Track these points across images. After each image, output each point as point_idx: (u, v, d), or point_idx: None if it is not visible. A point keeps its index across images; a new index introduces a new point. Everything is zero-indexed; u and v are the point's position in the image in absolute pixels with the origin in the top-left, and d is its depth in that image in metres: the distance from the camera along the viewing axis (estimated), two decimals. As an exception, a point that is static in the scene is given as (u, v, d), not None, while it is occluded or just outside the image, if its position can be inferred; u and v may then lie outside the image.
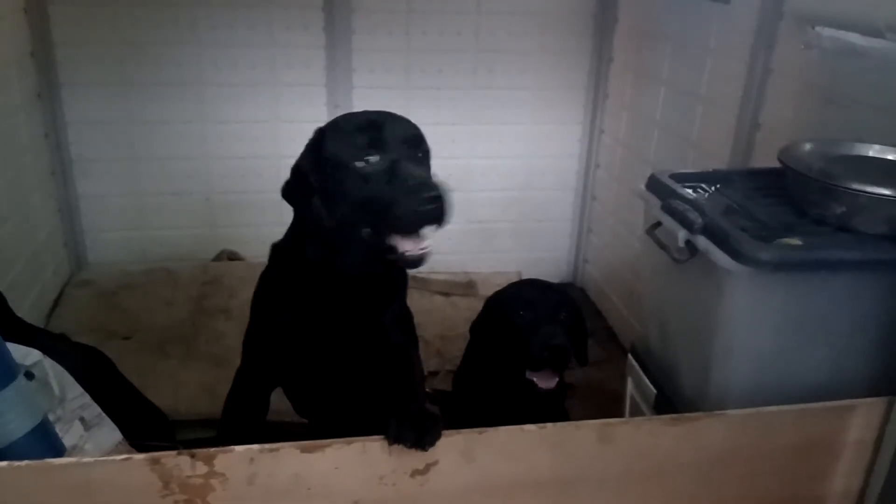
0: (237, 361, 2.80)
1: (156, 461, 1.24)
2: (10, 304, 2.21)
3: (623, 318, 3.32)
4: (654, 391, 1.85)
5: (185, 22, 3.15)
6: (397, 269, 1.72)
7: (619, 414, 2.14)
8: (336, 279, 1.58)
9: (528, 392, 1.99)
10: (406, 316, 1.81)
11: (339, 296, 1.62)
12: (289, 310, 1.66)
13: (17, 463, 1.25)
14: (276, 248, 1.70)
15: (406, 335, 1.76)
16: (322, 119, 3.59)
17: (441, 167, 1.74)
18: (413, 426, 1.31)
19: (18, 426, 1.46)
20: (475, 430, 1.36)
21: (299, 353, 1.69)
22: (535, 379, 1.98)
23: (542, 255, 3.81)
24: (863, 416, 1.50)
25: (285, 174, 3.13)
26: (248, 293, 3.17)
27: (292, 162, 1.62)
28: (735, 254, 1.45)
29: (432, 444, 1.31)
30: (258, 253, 3.48)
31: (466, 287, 3.57)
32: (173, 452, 1.24)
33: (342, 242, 1.52)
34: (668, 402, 1.78)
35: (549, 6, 3.38)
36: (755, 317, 1.54)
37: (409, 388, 1.61)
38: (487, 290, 3.53)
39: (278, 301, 1.69)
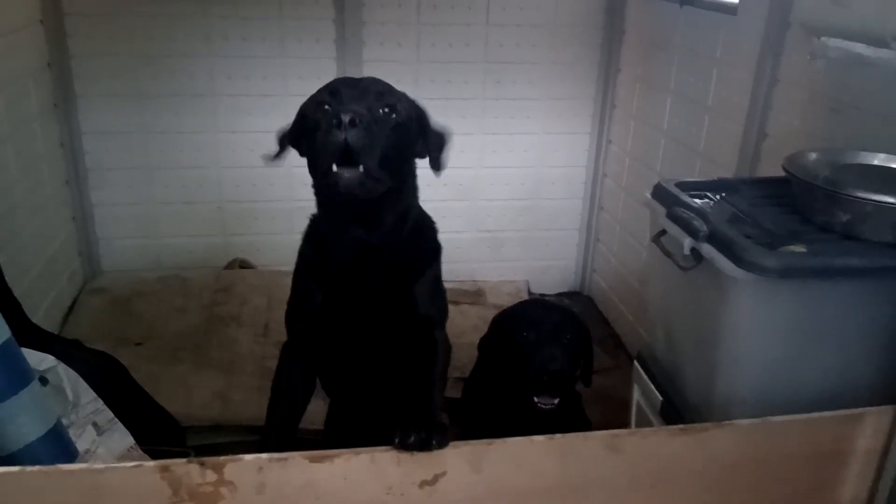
0: (248, 368, 2.85)
1: (166, 468, 1.25)
2: (26, 310, 2.25)
3: (630, 326, 3.32)
4: (661, 398, 1.85)
5: (198, 34, 3.20)
6: (426, 241, 1.76)
7: (627, 421, 2.14)
8: (356, 245, 1.62)
9: (532, 410, 1.99)
10: (438, 290, 1.80)
11: (363, 264, 1.65)
12: (315, 279, 1.71)
13: (28, 468, 1.26)
14: (310, 221, 1.77)
15: (436, 309, 1.77)
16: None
17: (450, 177, 1.77)
18: (418, 430, 1.32)
19: (32, 430, 1.49)
20: (483, 440, 1.36)
21: (330, 324, 1.72)
22: (535, 398, 1.97)
23: (549, 264, 3.83)
24: (870, 425, 1.50)
25: (296, 184, 3.17)
26: (259, 301, 3.24)
27: (303, 171, 1.67)
28: (740, 261, 1.46)
29: (440, 446, 1.32)
30: (269, 261, 3.55)
31: (475, 295, 3.59)
32: (183, 460, 1.25)
33: (327, 199, 1.63)
34: (675, 409, 1.79)
35: (557, 18, 3.40)
36: (760, 324, 1.54)
37: (424, 388, 1.62)
38: (495, 299, 3.55)
39: (306, 270, 1.74)
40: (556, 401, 1.96)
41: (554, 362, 1.91)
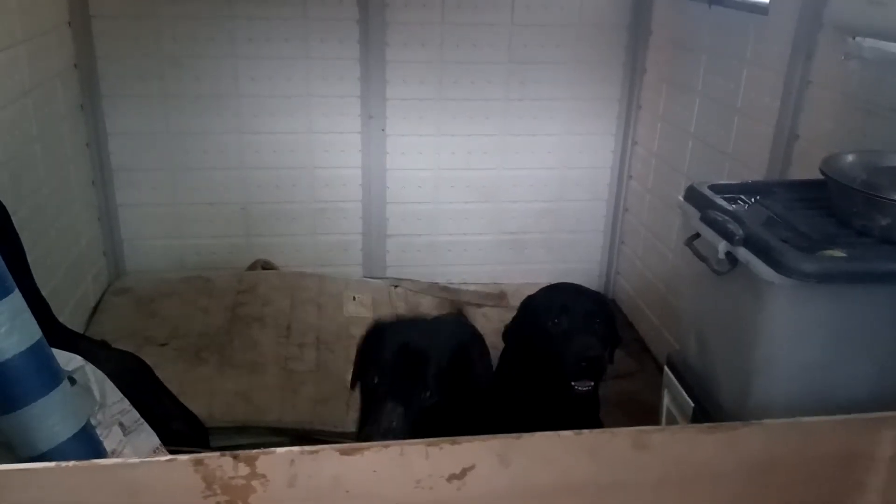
0: (271, 369, 2.86)
1: (199, 462, 1.25)
2: (52, 310, 2.26)
3: (655, 329, 3.29)
4: (692, 404, 1.82)
5: (223, 35, 3.21)
6: None
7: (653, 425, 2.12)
8: None
9: (562, 396, 2.00)
10: None
11: None
12: None
13: (63, 464, 1.27)
14: None
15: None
16: (356, 130, 3.61)
17: (472, 178, 1.77)
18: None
19: (63, 429, 1.49)
20: (512, 434, 1.36)
21: None
22: (573, 382, 2.00)
23: (573, 267, 3.79)
24: (905, 429, 1.47)
25: (319, 185, 3.20)
26: (282, 302, 3.25)
27: (326, 172, 1.69)
28: (777, 265, 1.43)
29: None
30: (291, 262, 3.56)
31: (498, 298, 3.57)
32: (216, 454, 1.26)
33: None
34: (706, 414, 1.76)
35: (583, 18, 3.38)
36: (797, 329, 1.51)
37: None
38: (518, 301, 3.52)
39: None
40: (592, 383, 2.00)
41: (591, 349, 1.96)
